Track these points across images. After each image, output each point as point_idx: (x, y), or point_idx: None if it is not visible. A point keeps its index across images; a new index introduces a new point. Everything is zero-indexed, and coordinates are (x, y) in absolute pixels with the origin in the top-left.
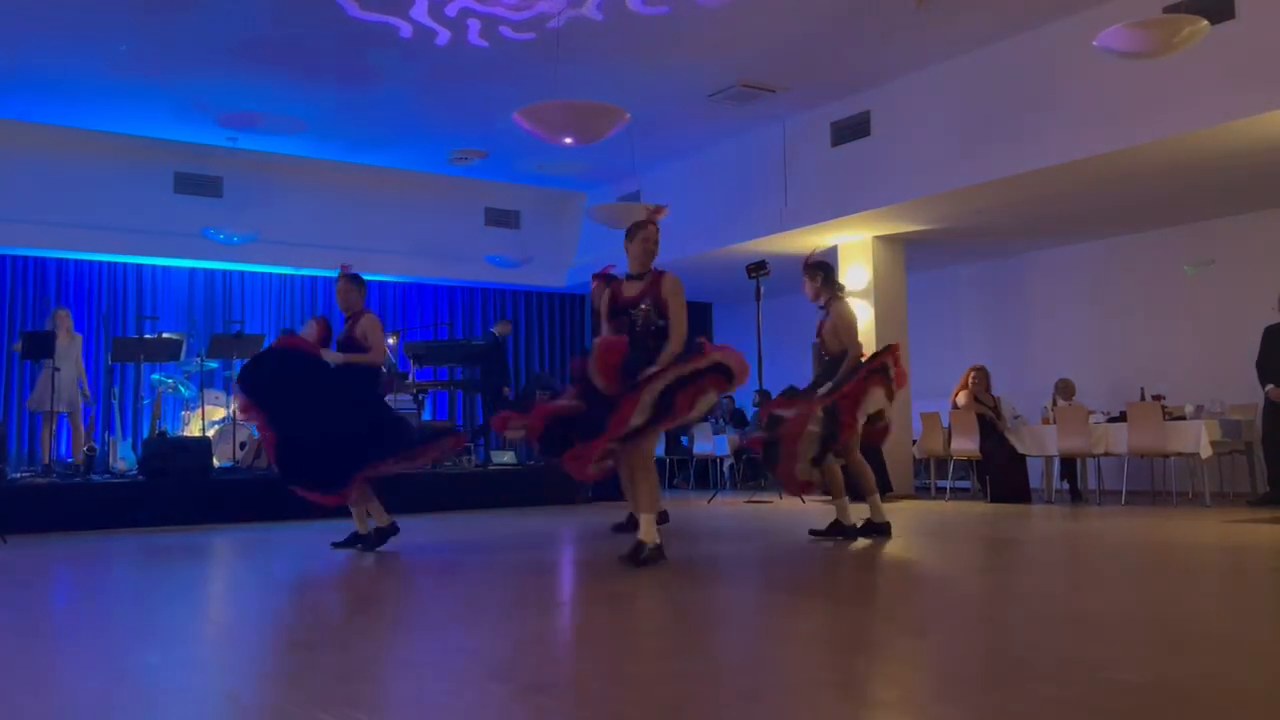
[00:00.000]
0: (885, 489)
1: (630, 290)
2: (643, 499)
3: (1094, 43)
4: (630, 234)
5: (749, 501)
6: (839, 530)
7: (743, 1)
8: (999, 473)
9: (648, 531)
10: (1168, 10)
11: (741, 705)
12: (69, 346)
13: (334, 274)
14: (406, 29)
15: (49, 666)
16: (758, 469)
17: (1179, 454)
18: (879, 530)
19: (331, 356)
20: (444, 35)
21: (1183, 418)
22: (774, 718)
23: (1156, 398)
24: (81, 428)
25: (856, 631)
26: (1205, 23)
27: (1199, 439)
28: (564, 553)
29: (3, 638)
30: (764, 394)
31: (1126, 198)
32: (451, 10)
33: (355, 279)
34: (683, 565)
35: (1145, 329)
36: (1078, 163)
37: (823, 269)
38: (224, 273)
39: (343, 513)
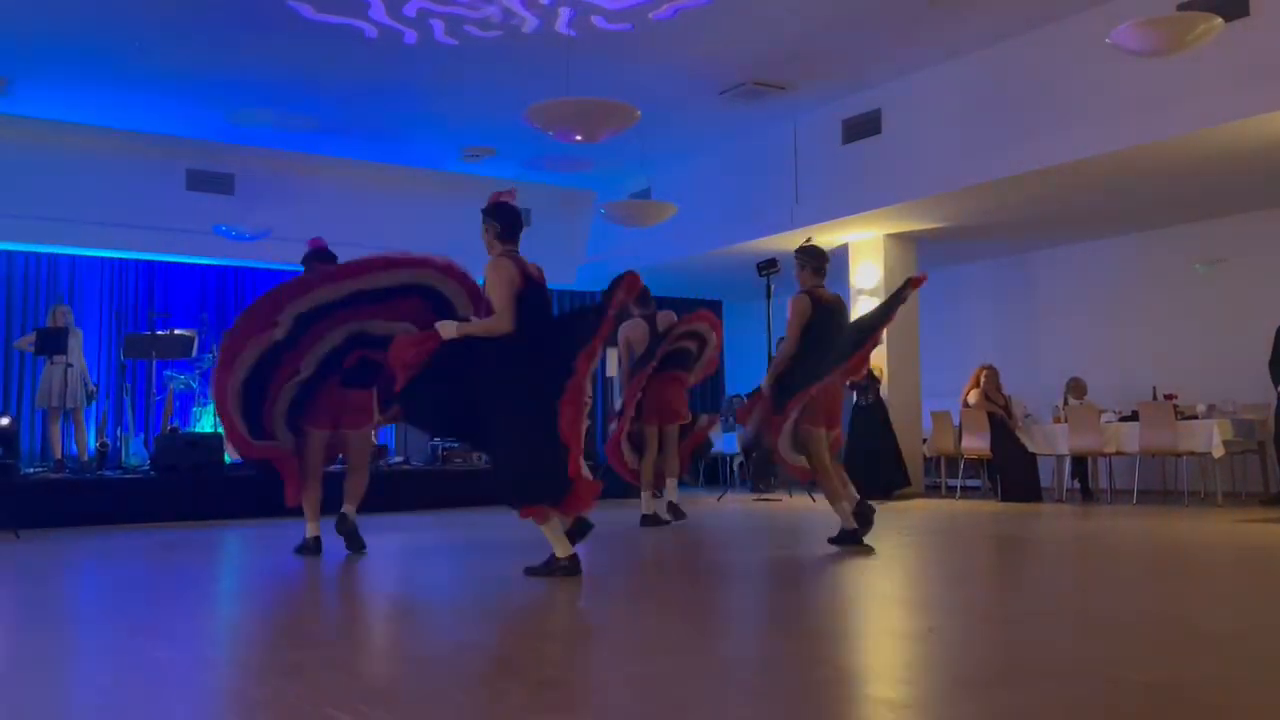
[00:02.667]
0: (902, 484)
1: None
2: None
3: (1107, 40)
4: None
5: (758, 499)
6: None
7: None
8: (1010, 471)
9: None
10: (1181, 8)
11: (750, 703)
12: (71, 341)
13: None
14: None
15: (60, 661)
16: (768, 467)
17: (1191, 453)
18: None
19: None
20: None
21: (1195, 417)
22: (784, 717)
23: (1168, 397)
24: (83, 424)
25: (866, 630)
26: (1219, 20)
27: (1211, 438)
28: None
29: (15, 632)
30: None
31: (1138, 196)
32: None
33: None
34: (691, 563)
35: (1157, 328)
36: (1090, 160)
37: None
38: (235, 269)
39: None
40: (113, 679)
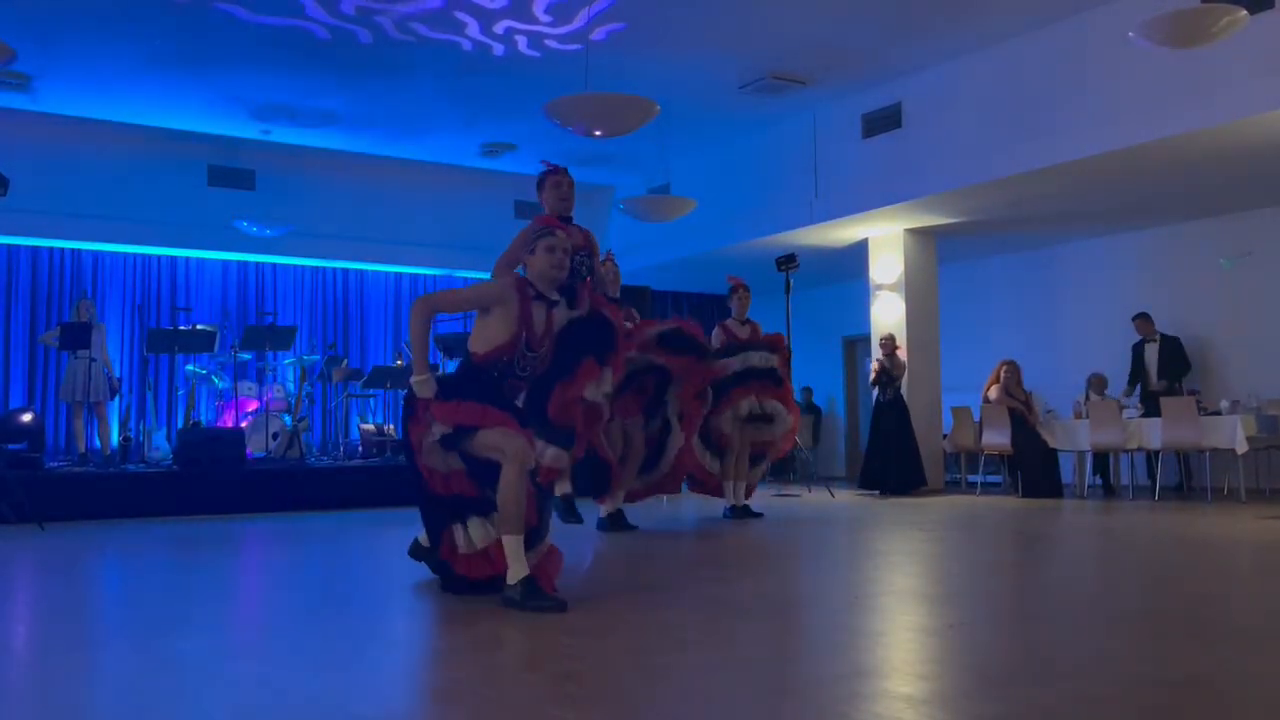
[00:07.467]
0: (920, 483)
1: None
2: None
3: (1130, 33)
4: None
5: (777, 495)
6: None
7: None
8: (1030, 467)
9: None
10: (1205, 0)
11: (770, 698)
12: (94, 336)
13: (365, 265)
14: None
15: (86, 653)
16: (786, 462)
17: (1214, 449)
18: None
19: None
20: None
21: (1218, 413)
22: (803, 711)
23: (1191, 392)
24: (106, 418)
25: (887, 625)
26: (1244, 12)
27: (1234, 434)
28: (592, 545)
29: (40, 623)
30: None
31: (1161, 190)
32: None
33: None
34: (711, 558)
35: (1180, 323)
36: (1112, 154)
37: None
38: (256, 265)
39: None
40: (136, 669)
